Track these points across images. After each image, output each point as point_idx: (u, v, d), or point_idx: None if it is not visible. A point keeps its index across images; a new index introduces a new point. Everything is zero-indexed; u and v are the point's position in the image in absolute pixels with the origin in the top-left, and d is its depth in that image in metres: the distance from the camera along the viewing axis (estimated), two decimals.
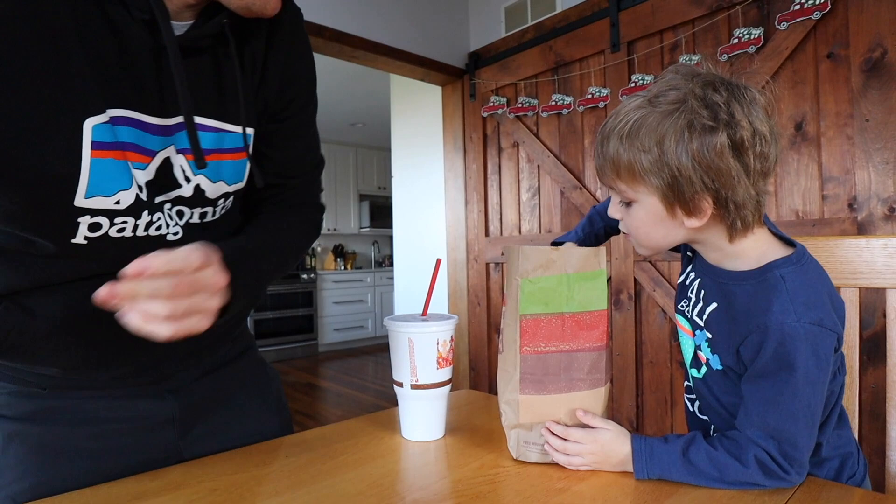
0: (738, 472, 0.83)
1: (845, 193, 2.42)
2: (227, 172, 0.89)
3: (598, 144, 0.95)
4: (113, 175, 0.75)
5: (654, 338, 3.07)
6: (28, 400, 0.90)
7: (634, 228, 0.95)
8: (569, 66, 3.50)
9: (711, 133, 0.83)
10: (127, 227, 0.80)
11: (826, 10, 2.42)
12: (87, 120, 0.70)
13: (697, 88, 0.85)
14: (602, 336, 0.94)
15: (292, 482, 0.86)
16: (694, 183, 0.84)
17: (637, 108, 0.89)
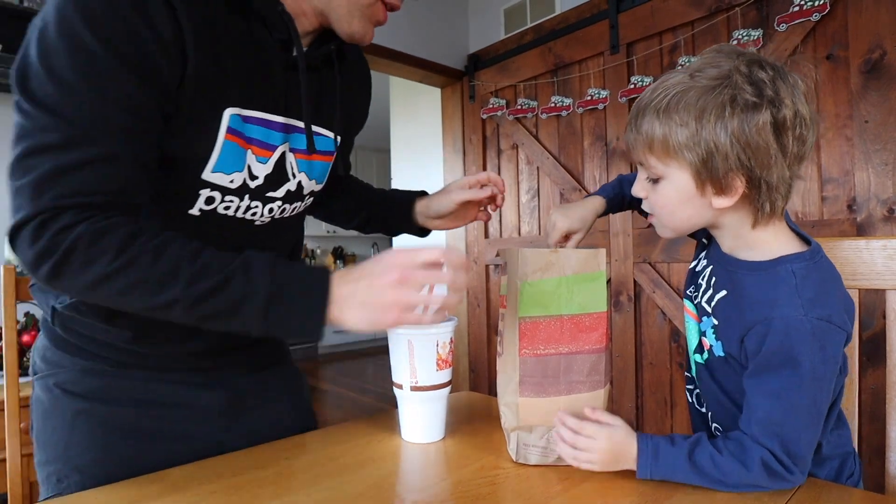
0: (742, 475, 0.83)
1: (845, 195, 2.42)
2: (318, 171, 1.08)
3: (631, 118, 0.94)
4: (234, 158, 0.90)
5: (654, 339, 3.07)
6: (96, 378, 0.98)
7: (660, 207, 0.95)
8: (568, 68, 3.51)
9: (754, 110, 0.82)
10: (231, 207, 0.95)
11: (825, 11, 2.42)
12: (226, 109, 0.87)
13: (742, 66, 0.85)
14: (601, 338, 0.94)
15: (292, 484, 0.86)
16: (729, 159, 0.84)
17: (677, 82, 0.88)
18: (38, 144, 0.75)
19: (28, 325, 2.19)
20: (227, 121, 0.87)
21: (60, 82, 0.74)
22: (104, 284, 0.76)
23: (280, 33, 0.93)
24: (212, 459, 0.97)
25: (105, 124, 0.76)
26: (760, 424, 0.84)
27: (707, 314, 0.97)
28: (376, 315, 0.80)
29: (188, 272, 0.77)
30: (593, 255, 0.94)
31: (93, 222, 0.75)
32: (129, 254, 0.76)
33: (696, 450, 0.85)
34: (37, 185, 0.74)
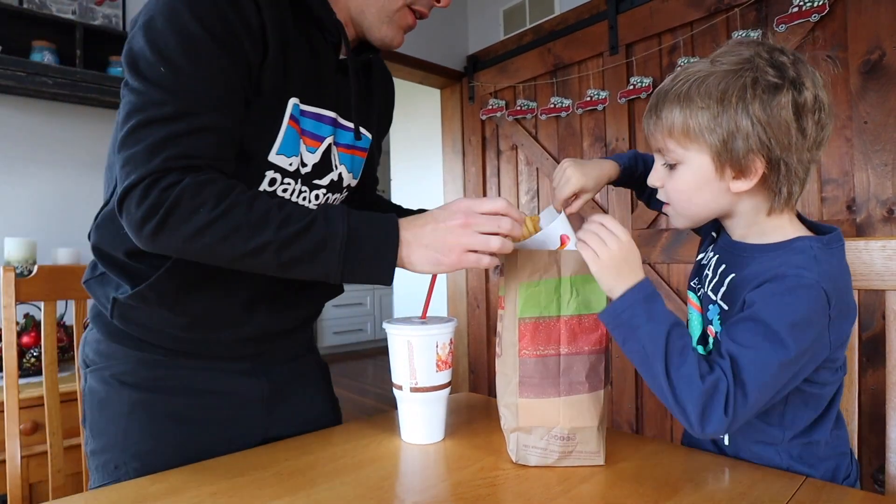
0: (690, 379, 0.81)
1: (844, 195, 2.42)
2: (355, 165, 1.16)
3: (651, 105, 0.96)
4: (293, 143, 1.00)
5: None
6: (150, 368, 1.05)
7: (677, 193, 0.96)
8: (567, 69, 3.51)
9: (776, 91, 0.84)
10: (288, 190, 1.04)
11: (824, 12, 2.43)
12: (291, 98, 0.98)
13: (763, 51, 0.88)
14: (601, 339, 0.94)
15: (292, 485, 0.86)
16: (750, 140, 0.85)
17: (698, 70, 0.91)
18: (150, 117, 0.85)
19: (27, 326, 2.19)
20: (290, 108, 0.98)
21: (169, 63, 0.86)
22: (205, 232, 0.84)
23: (333, 38, 1.05)
24: (212, 460, 0.97)
25: (208, 99, 0.88)
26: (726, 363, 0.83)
27: (712, 302, 0.97)
28: (440, 255, 0.89)
29: (277, 218, 0.85)
30: None
31: (195, 176, 0.85)
32: (227, 202, 0.84)
33: (677, 329, 0.85)
34: (149, 151, 0.84)
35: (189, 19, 0.86)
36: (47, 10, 2.43)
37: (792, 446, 0.94)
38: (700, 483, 0.86)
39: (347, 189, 1.18)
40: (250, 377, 1.13)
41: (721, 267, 0.98)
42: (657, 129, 0.94)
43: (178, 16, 0.86)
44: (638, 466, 0.92)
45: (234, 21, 0.89)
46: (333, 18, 1.04)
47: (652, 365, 0.84)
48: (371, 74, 1.21)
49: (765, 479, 0.86)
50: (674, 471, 0.90)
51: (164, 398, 1.04)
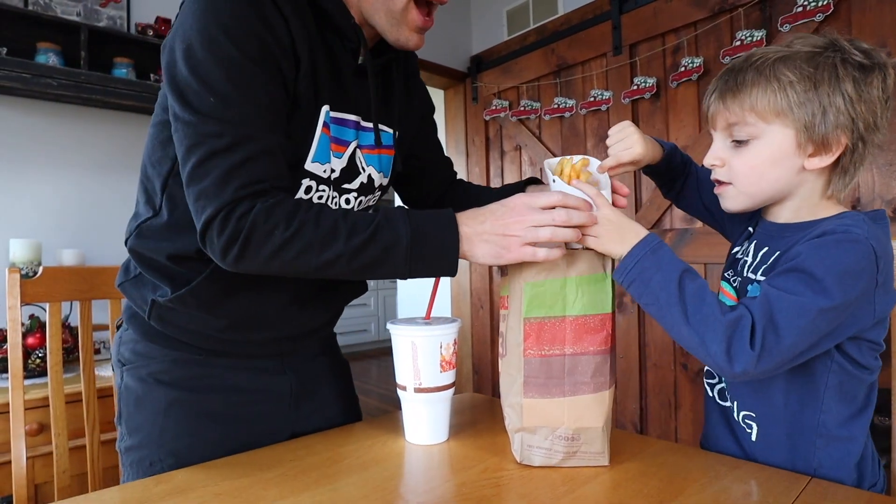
0: (711, 320, 0.83)
1: (849, 195, 2.41)
2: (384, 165, 1.16)
3: (720, 82, 0.97)
4: (325, 150, 1.02)
5: (658, 340, 3.07)
6: (185, 367, 1.09)
7: (748, 168, 0.95)
8: (571, 69, 3.51)
9: (867, 71, 0.88)
10: (323, 196, 1.06)
11: (829, 11, 2.42)
12: (323, 106, 1.01)
13: (838, 39, 0.91)
14: (606, 339, 0.93)
15: (296, 486, 0.86)
16: (840, 115, 0.88)
17: (775, 51, 0.93)
18: (211, 150, 0.88)
19: (33, 327, 2.19)
20: (322, 116, 1.01)
21: (216, 93, 0.88)
22: (281, 252, 0.89)
23: (352, 42, 1.05)
24: (216, 461, 0.97)
25: (259, 122, 0.91)
26: (757, 302, 0.85)
27: (753, 282, 0.97)
28: (499, 249, 0.92)
29: (345, 230, 0.90)
30: (598, 256, 0.94)
31: (264, 201, 0.89)
32: (297, 222, 0.89)
33: (689, 274, 0.88)
34: (218, 184, 0.88)
35: (228, 45, 0.88)
36: (52, 12, 2.44)
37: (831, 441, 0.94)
38: (705, 483, 0.85)
39: (380, 189, 1.19)
40: (279, 374, 1.17)
41: (763, 249, 0.99)
42: (735, 103, 0.94)
43: (216, 43, 0.88)
44: (642, 467, 0.92)
45: (268, 40, 0.91)
46: (352, 23, 1.04)
47: (670, 312, 0.86)
48: (390, 73, 1.20)
49: (770, 480, 0.86)
50: (678, 471, 0.90)
51: (199, 396, 1.08)
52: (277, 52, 0.93)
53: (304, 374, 1.21)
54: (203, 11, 0.89)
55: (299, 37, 0.96)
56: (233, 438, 1.07)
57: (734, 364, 0.82)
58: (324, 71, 1.01)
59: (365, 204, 1.17)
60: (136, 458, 1.05)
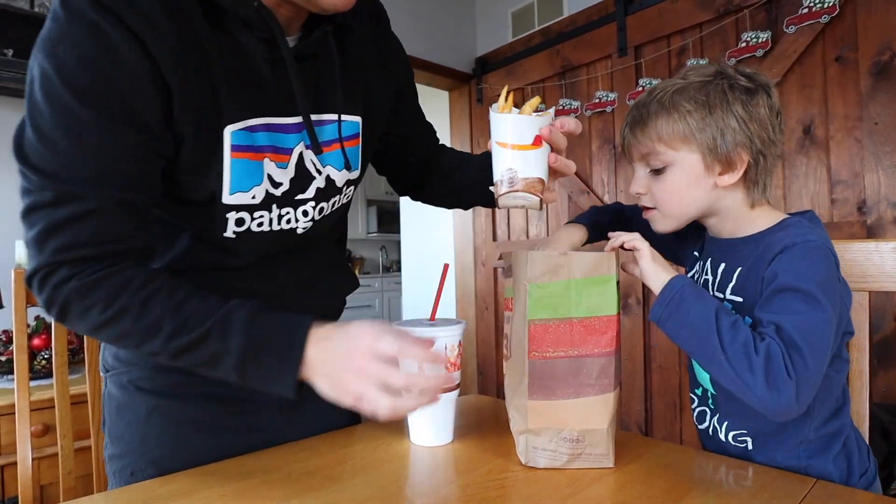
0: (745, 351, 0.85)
1: (854, 197, 2.41)
2: (352, 157, 1.03)
3: (630, 118, 1.06)
4: (248, 173, 0.89)
5: (663, 342, 3.06)
6: (167, 375, 1.01)
7: (667, 194, 1.03)
8: (576, 71, 3.51)
9: (753, 93, 0.97)
10: (264, 222, 0.95)
11: (834, 13, 2.42)
12: (227, 127, 0.85)
13: (725, 66, 1.01)
14: (611, 341, 0.93)
15: (301, 487, 0.86)
16: (737, 135, 0.96)
17: (672, 83, 1.02)
18: (34, 202, 0.78)
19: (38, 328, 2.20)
20: (228, 140, 0.86)
21: (46, 141, 0.76)
22: (99, 332, 0.83)
23: (262, 31, 0.85)
24: (221, 463, 0.97)
25: (91, 178, 0.78)
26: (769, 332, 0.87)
27: (723, 301, 1.01)
28: (336, 393, 0.83)
29: (170, 327, 0.81)
30: (604, 258, 0.93)
31: (81, 277, 0.80)
32: (116, 307, 0.80)
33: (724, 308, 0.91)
34: (37, 241, 0.79)
35: (60, 87, 0.74)
36: None
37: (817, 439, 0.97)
38: (710, 485, 0.85)
39: (349, 184, 1.07)
40: None
41: (721, 266, 1.04)
42: (643, 137, 1.02)
43: (50, 83, 0.75)
44: (647, 469, 0.92)
45: (113, 75, 0.75)
46: (254, 7, 0.82)
47: (708, 345, 0.88)
48: (347, 44, 1.00)
49: (775, 481, 0.85)
50: (683, 473, 0.90)
51: (181, 404, 1.03)
52: (129, 92, 0.77)
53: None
54: (43, 41, 0.76)
55: (166, 58, 0.77)
56: (220, 448, 1.01)
57: (779, 398, 0.83)
58: (225, 81, 0.84)
59: (330, 209, 1.05)
60: (119, 466, 1.02)
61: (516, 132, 0.93)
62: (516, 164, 0.92)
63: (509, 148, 0.93)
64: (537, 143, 0.93)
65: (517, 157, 0.93)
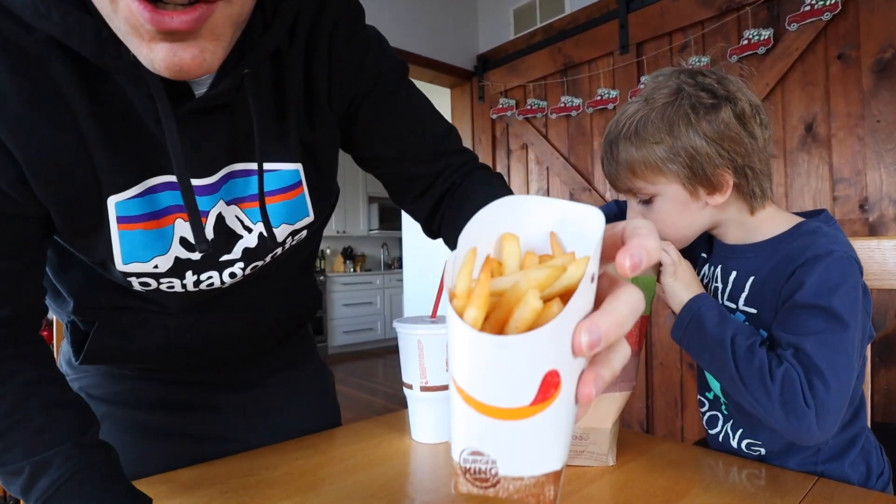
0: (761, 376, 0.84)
1: (856, 194, 2.41)
2: (285, 213, 0.84)
3: (605, 153, 1.01)
4: (146, 244, 0.75)
5: (665, 340, 3.06)
6: (118, 382, 0.98)
7: (661, 222, 0.98)
8: (577, 68, 3.50)
9: (715, 110, 0.90)
10: (175, 286, 0.81)
11: (836, 10, 2.41)
12: (109, 198, 0.71)
13: (686, 78, 0.94)
14: (634, 343, 0.91)
15: (303, 484, 0.86)
16: (712, 158, 0.91)
17: (635, 110, 0.96)
18: None
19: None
20: (113, 211, 0.72)
21: None
22: None
23: (147, 87, 0.66)
24: (223, 460, 0.97)
25: None
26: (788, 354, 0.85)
27: (733, 311, 0.98)
28: None
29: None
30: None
31: None
32: None
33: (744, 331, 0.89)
34: None
35: None
36: None
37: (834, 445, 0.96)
38: (711, 483, 0.85)
39: (295, 236, 0.88)
40: (232, 390, 1.07)
41: (732, 274, 1.00)
42: (619, 173, 0.99)
43: None
44: (649, 466, 0.92)
45: None
46: (128, 65, 0.62)
47: (725, 368, 0.87)
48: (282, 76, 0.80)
49: (777, 479, 0.85)
50: (684, 471, 0.90)
51: (134, 412, 0.98)
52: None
53: (265, 388, 1.10)
54: None
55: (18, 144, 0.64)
56: (179, 456, 0.96)
57: (798, 425, 0.83)
58: (104, 145, 0.69)
59: (273, 258, 0.89)
60: None
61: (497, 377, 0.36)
62: (490, 446, 0.39)
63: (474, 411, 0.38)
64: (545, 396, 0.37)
65: (495, 432, 0.38)
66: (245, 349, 1.03)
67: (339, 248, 8.37)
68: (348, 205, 8.09)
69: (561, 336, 0.36)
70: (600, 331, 0.37)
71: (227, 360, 1.04)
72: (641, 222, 0.42)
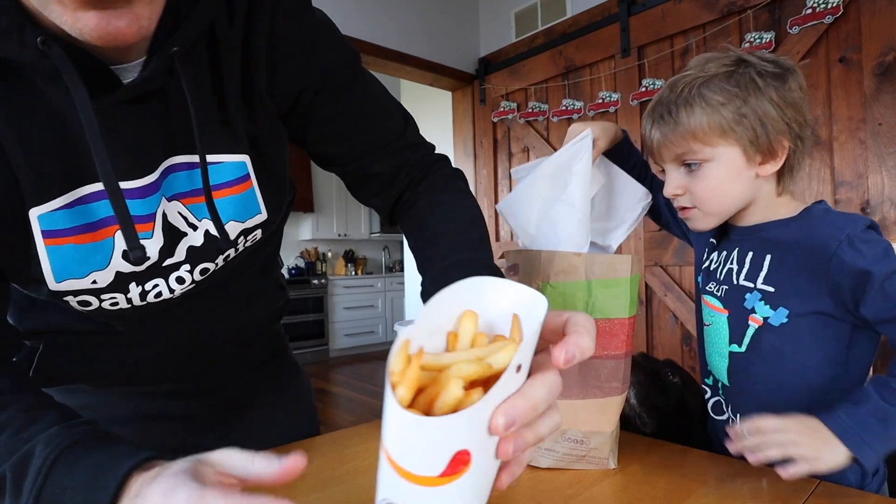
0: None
1: (858, 198, 2.40)
2: (234, 209, 0.77)
3: (656, 119, 1.00)
4: (80, 259, 0.68)
5: (666, 342, 3.06)
6: (74, 396, 0.90)
7: (709, 191, 0.99)
8: (579, 71, 3.51)
9: (781, 78, 0.94)
10: (119, 301, 0.74)
11: (838, 13, 2.41)
12: (31, 210, 0.64)
13: (741, 53, 0.97)
14: (622, 345, 0.92)
15: (304, 488, 0.86)
16: (777, 123, 0.93)
17: (693, 77, 0.97)
18: None
19: None
20: (37, 225, 0.65)
21: None
22: None
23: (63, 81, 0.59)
24: None
25: None
26: None
27: (750, 290, 0.99)
28: None
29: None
30: (620, 260, 0.92)
31: None
32: None
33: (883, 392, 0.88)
34: None
35: None
36: None
37: None
38: (712, 486, 0.85)
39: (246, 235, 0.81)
40: (197, 398, 1.01)
41: (748, 255, 1.01)
42: (676, 135, 0.97)
43: None
44: (650, 469, 0.92)
45: None
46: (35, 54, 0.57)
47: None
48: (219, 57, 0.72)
49: (778, 482, 0.85)
50: (686, 473, 0.90)
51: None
52: None
53: (233, 395, 1.04)
54: None
55: None
56: None
57: None
58: (22, 153, 0.62)
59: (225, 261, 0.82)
60: None
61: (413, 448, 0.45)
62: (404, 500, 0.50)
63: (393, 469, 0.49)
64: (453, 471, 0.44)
65: (408, 490, 0.48)
66: (205, 358, 0.97)
67: (341, 252, 8.37)
68: (349, 208, 8.09)
69: (476, 420, 0.43)
70: (515, 413, 0.44)
71: (190, 370, 0.98)
72: (583, 318, 0.49)
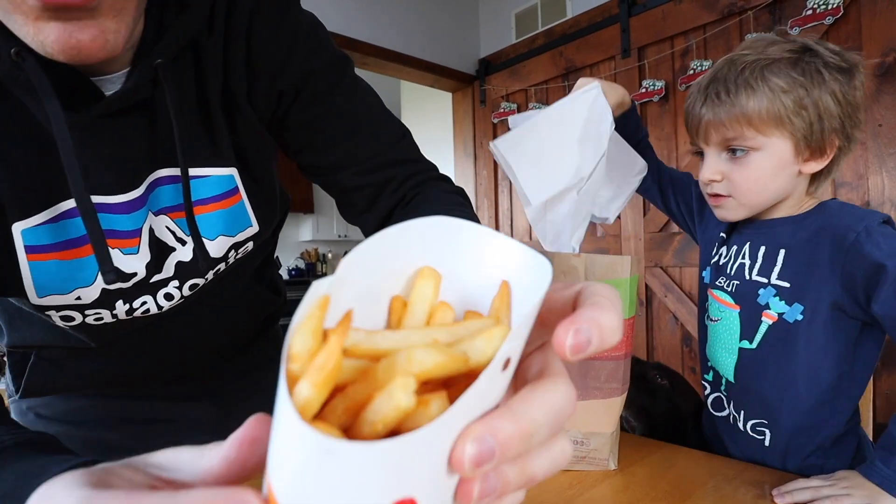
0: None
1: (858, 199, 2.40)
2: (223, 223, 0.75)
3: (708, 97, 0.95)
4: (63, 276, 0.66)
5: (666, 343, 3.06)
6: (68, 401, 0.90)
7: (751, 181, 0.94)
8: (579, 72, 3.50)
9: (848, 73, 0.89)
10: (104, 317, 0.72)
11: (839, 14, 2.41)
12: (14, 225, 0.62)
13: (808, 41, 0.91)
14: (621, 345, 0.92)
15: None
16: (834, 120, 0.89)
17: (754, 59, 0.91)
18: None
19: None
20: (20, 240, 0.63)
21: None
22: None
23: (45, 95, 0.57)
24: None
25: None
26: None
27: (764, 286, 0.96)
28: None
29: None
30: (620, 261, 0.91)
31: None
32: None
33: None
34: None
35: None
36: None
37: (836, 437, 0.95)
38: (712, 487, 0.85)
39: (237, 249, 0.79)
40: (193, 401, 0.99)
41: (761, 249, 0.98)
42: (730, 118, 0.92)
43: None
44: (650, 470, 0.92)
45: None
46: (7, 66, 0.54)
47: None
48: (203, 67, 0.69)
49: (779, 483, 0.85)
50: (686, 474, 0.90)
51: (87, 431, 0.90)
52: None
53: (231, 396, 1.02)
54: None
55: None
56: None
57: None
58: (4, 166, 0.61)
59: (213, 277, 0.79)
60: None
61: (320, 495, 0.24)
62: None
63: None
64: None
65: None
66: (199, 364, 0.96)
67: (341, 253, 8.35)
68: None
69: (432, 449, 0.24)
70: (495, 442, 0.25)
71: (184, 375, 0.96)
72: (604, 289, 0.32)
